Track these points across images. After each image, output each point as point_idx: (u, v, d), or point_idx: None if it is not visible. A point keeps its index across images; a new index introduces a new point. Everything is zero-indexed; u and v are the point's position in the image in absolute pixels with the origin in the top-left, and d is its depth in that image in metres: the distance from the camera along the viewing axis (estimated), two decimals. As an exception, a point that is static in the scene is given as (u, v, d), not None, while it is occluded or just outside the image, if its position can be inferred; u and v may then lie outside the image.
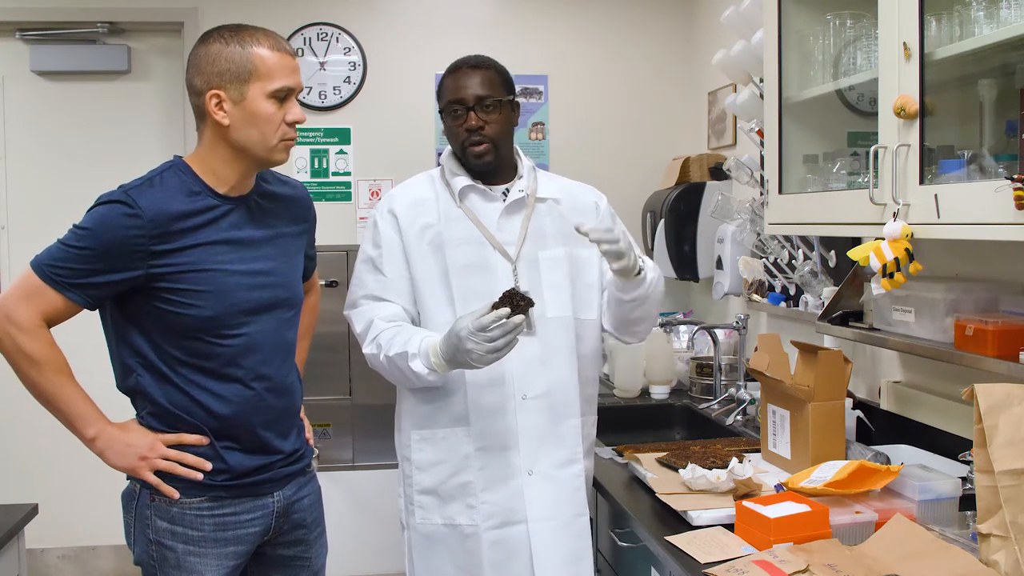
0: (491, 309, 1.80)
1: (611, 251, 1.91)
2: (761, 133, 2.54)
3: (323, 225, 2.20)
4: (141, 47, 3.93)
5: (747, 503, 1.69)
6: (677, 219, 3.40)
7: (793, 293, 2.82)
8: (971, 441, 1.50)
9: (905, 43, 1.69)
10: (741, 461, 1.90)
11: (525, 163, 2.13)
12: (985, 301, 1.89)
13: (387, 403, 2.32)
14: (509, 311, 1.79)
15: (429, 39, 3.87)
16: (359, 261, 2.11)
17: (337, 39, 3.85)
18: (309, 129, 3.78)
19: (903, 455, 2.10)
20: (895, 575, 1.48)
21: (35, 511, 2.20)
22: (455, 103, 2.03)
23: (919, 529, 1.62)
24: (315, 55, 3.83)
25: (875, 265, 1.73)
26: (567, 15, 3.96)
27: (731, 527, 1.73)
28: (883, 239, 1.72)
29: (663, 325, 3.21)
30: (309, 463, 1.98)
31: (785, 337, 2.25)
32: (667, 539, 1.72)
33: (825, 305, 2.35)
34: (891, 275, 1.71)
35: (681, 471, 1.96)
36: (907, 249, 1.69)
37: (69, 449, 2.04)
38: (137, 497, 1.80)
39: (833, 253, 2.49)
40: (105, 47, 3.87)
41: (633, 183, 3.86)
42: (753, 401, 2.72)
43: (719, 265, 3.17)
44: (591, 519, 2.08)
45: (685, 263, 3.42)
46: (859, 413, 2.31)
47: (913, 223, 1.69)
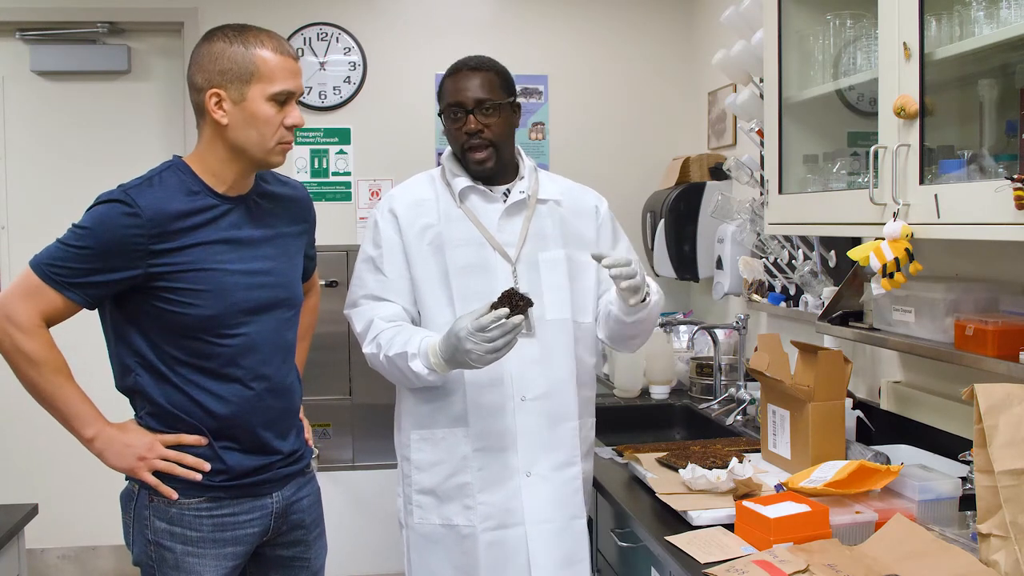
0: (490, 309, 1.80)
1: (629, 287, 1.92)
2: (761, 133, 2.54)
3: (323, 225, 2.20)
4: (141, 47, 3.93)
5: (747, 503, 1.69)
6: (677, 219, 3.40)
7: (793, 293, 2.81)
8: (971, 441, 1.50)
9: (905, 43, 1.69)
10: (741, 461, 1.90)
11: (527, 163, 2.13)
12: (985, 301, 1.89)
13: (387, 403, 2.32)
14: (508, 311, 1.79)
15: (429, 39, 3.87)
16: (359, 260, 2.10)
17: (337, 39, 3.85)
18: (309, 129, 3.78)
19: (903, 455, 2.10)
20: (895, 575, 1.48)
21: (35, 511, 2.20)
22: (454, 106, 2.02)
23: (919, 529, 1.61)
24: (315, 55, 3.83)
25: (875, 265, 1.72)
26: (567, 15, 3.95)
27: (731, 527, 1.73)
28: (883, 239, 1.72)
29: (663, 325, 3.21)
30: (308, 464, 1.98)
31: (785, 337, 2.25)
32: (667, 539, 1.72)
33: (825, 305, 2.35)
34: (891, 275, 1.71)
35: (681, 471, 1.96)
36: (907, 249, 1.69)
37: (69, 449, 2.03)
38: (136, 498, 1.80)
39: (833, 253, 2.49)
40: (105, 47, 3.87)
41: (633, 183, 3.86)
42: (753, 401, 2.72)
43: (719, 265, 3.17)
44: (591, 519, 2.07)
45: (685, 263, 3.42)
46: (859, 413, 2.31)
47: (913, 223, 1.69)
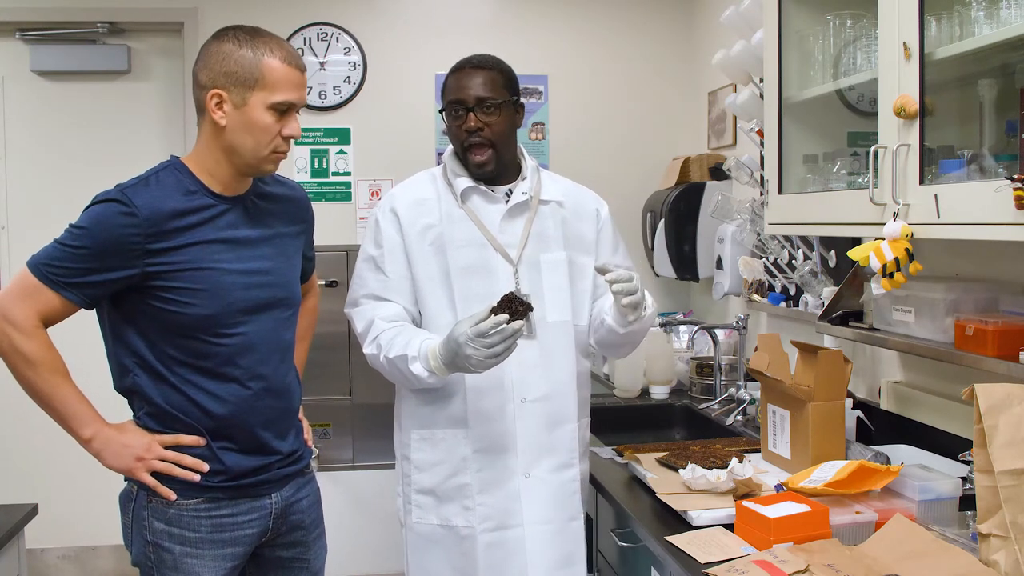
0: (490, 313, 1.80)
1: (630, 303, 1.92)
2: (761, 133, 2.54)
3: (323, 225, 2.20)
4: (141, 47, 3.93)
5: (747, 503, 1.69)
6: (677, 219, 3.40)
7: (793, 293, 2.81)
8: (971, 441, 1.50)
9: (905, 43, 1.69)
10: (741, 461, 1.90)
11: (529, 163, 2.12)
12: (985, 301, 1.88)
13: (387, 403, 2.31)
14: (508, 317, 1.79)
15: (429, 39, 3.87)
16: (360, 260, 2.10)
17: (337, 39, 3.85)
18: (309, 129, 3.78)
19: (903, 455, 2.09)
20: (895, 575, 1.47)
21: (35, 511, 2.20)
22: (455, 103, 2.02)
23: (919, 529, 1.61)
24: (315, 55, 3.83)
25: (875, 265, 1.72)
26: (567, 15, 3.95)
27: (731, 527, 1.73)
28: (883, 239, 1.71)
29: (663, 325, 3.21)
30: (308, 464, 1.98)
31: (785, 337, 2.25)
32: (667, 539, 1.71)
33: (825, 305, 2.35)
34: (891, 275, 1.70)
35: (681, 471, 1.95)
36: (907, 249, 1.69)
37: (69, 449, 2.03)
38: (134, 498, 1.80)
39: (833, 253, 2.49)
40: (105, 47, 3.87)
41: (633, 183, 3.86)
42: (753, 401, 2.72)
43: (719, 265, 3.17)
44: (591, 519, 2.07)
45: (685, 263, 3.42)
46: (859, 413, 2.31)
47: (913, 223, 1.69)
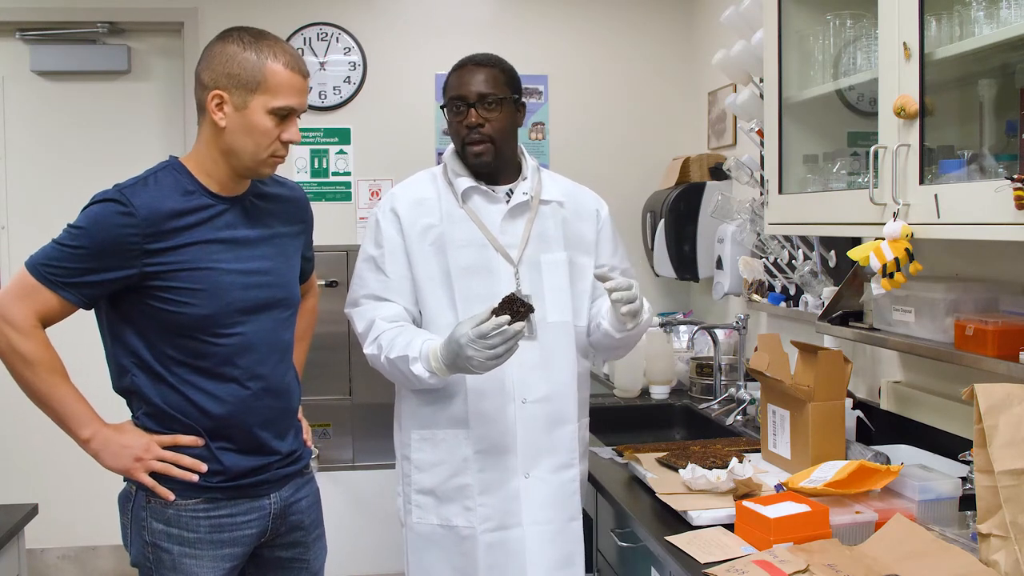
0: (491, 315, 1.80)
1: (629, 311, 1.93)
2: (761, 133, 2.53)
3: (323, 225, 2.20)
4: (141, 47, 3.93)
5: (747, 503, 1.69)
6: (677, 219, 3.40)
7: (793, 293, 2.81)
8: (971, 441, 1.50)
9: (905, 43, 1.69)
10: (741, 461, 1.90)
11: (529, 163, 2.12)
12: (985, 301, 1.88)
13: (387, 403, 2.31)
14: (509, 318, 1.79)
15: (429, 39, 3.87)
16: (360, 260, 2.10)
17: (337, 39, 3.85)
18: (309, 129, 3.78)
19: (903, 455, 2.09)
20: (895, 575, 1.47)
21: (35, 511, 2.20)
22: (457, 99, 2.03)
23: (919, 529, 1.61)
24: (315, 55, 3.83)
25: (875, 265, 1.72)
26: (567, 15, 3.95)
27: (731, 527, 1.73)
28: (883, 239, 1.71)
29: (663, 325, 3.21)
30: (307, 464, 1.97)
31: (785, 337, 2.25)
32: (667, 539, 1.71)
33: (825, 305, 2.34)
34: (891, 275, 1.70)
35: (681, 471, 1.95)
36: (907, 249, 1.69)
37: (68, 449, 2.02)
38: (133, 499, 1.79)
39: (833, 253, 2.49)
40: (105, 47, 3.87)
41: (633, 183, 3.86)
42: (753, 401, 2.72)
43: (719, 265, 3.17)
44: (591, 519, 2.07)
45: (685, 263, 3.41)
46: (859, 413, 2.31)
47: (913, 223, 1.68)
